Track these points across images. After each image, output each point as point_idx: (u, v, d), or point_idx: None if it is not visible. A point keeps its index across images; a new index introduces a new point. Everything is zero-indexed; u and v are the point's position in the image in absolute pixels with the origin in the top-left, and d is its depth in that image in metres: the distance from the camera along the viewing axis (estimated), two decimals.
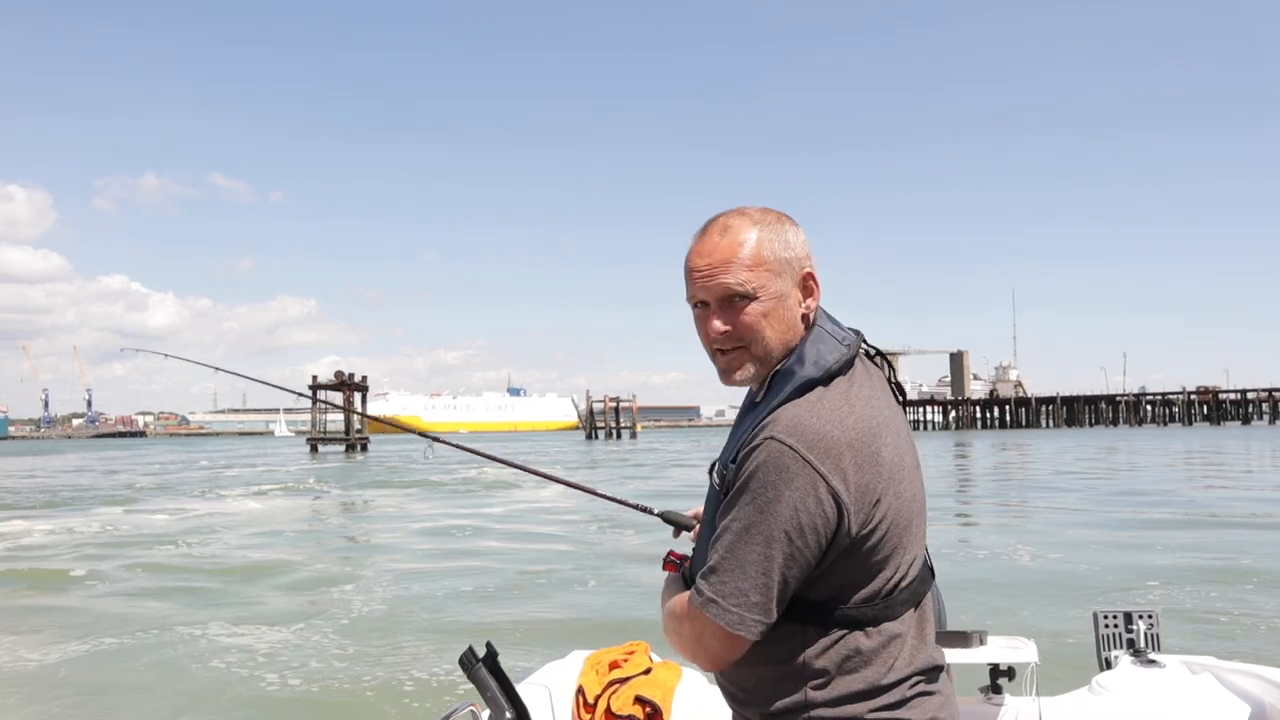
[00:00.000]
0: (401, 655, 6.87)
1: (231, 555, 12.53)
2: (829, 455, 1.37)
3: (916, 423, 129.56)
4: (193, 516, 18.28)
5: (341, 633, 7.65)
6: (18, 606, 9.29)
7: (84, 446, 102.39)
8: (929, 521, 1.60)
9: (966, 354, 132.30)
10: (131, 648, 7.24)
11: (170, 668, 6.68)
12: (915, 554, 1.49)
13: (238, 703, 5.92)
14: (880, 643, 1.43)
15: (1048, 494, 20.07)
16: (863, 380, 1.50)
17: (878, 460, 1.41)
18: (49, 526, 16.37)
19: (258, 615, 8.45)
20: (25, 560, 12.23)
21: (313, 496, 24.20)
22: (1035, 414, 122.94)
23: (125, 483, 30.48)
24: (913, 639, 1.46)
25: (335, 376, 61.15)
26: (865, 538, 1.41)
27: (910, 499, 1.47)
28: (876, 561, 1.43)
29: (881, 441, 1.43)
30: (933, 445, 56.58)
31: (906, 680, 1.44)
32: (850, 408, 1.43)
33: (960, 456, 41.39)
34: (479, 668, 1.79)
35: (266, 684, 6.23)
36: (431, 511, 18.57)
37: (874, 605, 1.43)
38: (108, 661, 6.88)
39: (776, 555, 1.37)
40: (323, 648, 7.15)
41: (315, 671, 6.49)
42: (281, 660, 6.77)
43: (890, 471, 1.43)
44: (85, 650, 7.19)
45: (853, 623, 1.42)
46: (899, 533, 1.44)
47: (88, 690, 6.15)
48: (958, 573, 9.94)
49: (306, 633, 7.68)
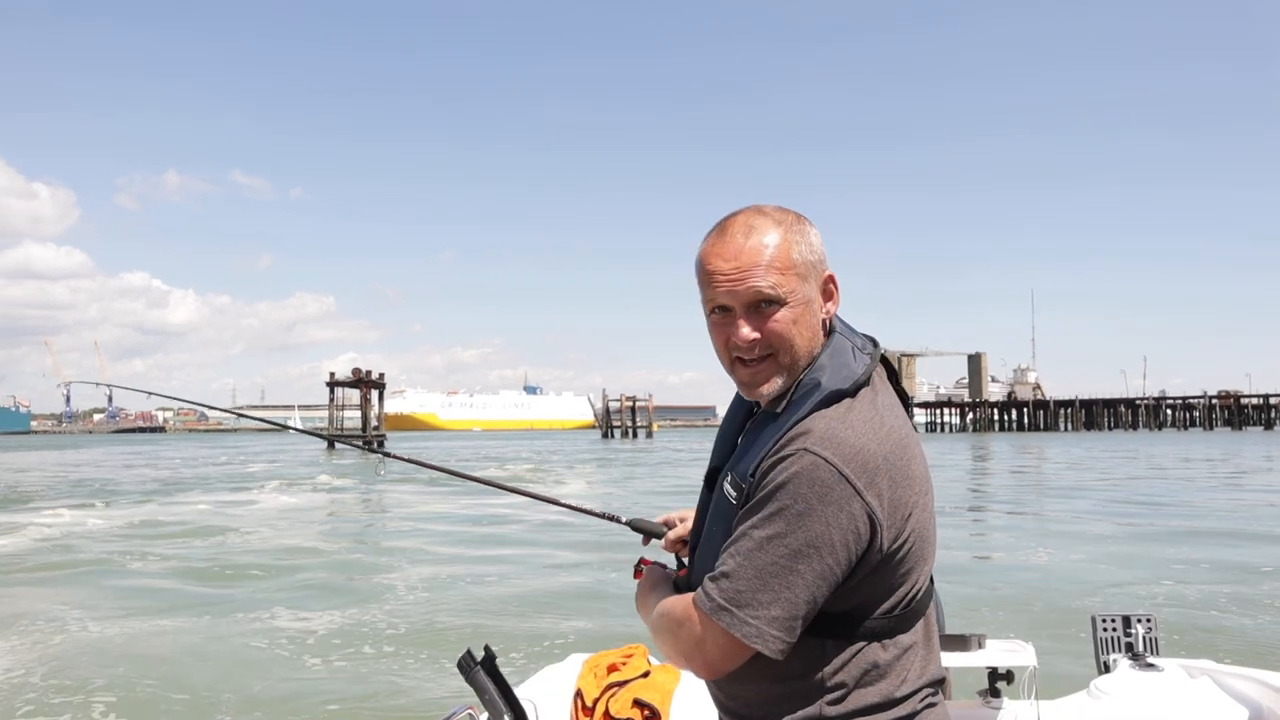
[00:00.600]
0: (400, 657, 6.85)
1: (244, 552, 12.65)
2: (865, 471, 1.32)
3: (933, 425, 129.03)
4: (220, 512, 18.67)
5: (341, 633, 7.62)
6: (70, 587, 10.12)
7: (106, 441, 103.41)
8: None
9: (984, 356, 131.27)
10: (135, 638, 7.34)
11: (171, 664, 6.75)
12: (932, 565, 1.47)
13: (236, 700, 5.90)
14: (895, 655, 1.39)
15: (1060, 499, 19.95)
16: (883, 390, 1.45)
17: (910, 475, 1.37)
18: (95, 516, 17.42)
19: (260, 614, 8.45)
20: (69, 550, 12.84)
21: (331, 492, 24.38)
22: (1054, 417, 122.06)
23: (157, 477, 31.06)
24: (923, 649, 1.44)
25: (353, 374, 61.51)
26: (894, 553, 1.36)
27: (932, 511, 1.45)
28: (901, 575, 1.39)
29: (912, 455, 1.39)
30: (950, 448, 56.28)
31: (918, 693, 1.41)
32: (881, 420, 1.38)
33: (979, 459, 41.14)
34: (477, 671, 1.79)
35: (266, 683, 6.20)
36: (444, 511, 18.63)
37: (892, 617, 1.39)
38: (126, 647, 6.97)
39: (805, 572, 1.30)
40: (322, 647, 7.13)
41: (314, 670, 6.47)
42: (281, 659, 6.77)
43: (921, 485, 1.40)
44: (114, 630, 7.29)
45: (871, 635, 1.38)
46: (923, 545, 1.41)
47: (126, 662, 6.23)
48: (961, 576, 9.91)
49: (307, 632, 7.67)
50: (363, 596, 9.30)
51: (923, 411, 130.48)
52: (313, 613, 8.49)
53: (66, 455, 55.84)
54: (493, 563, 11.43)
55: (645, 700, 2.04)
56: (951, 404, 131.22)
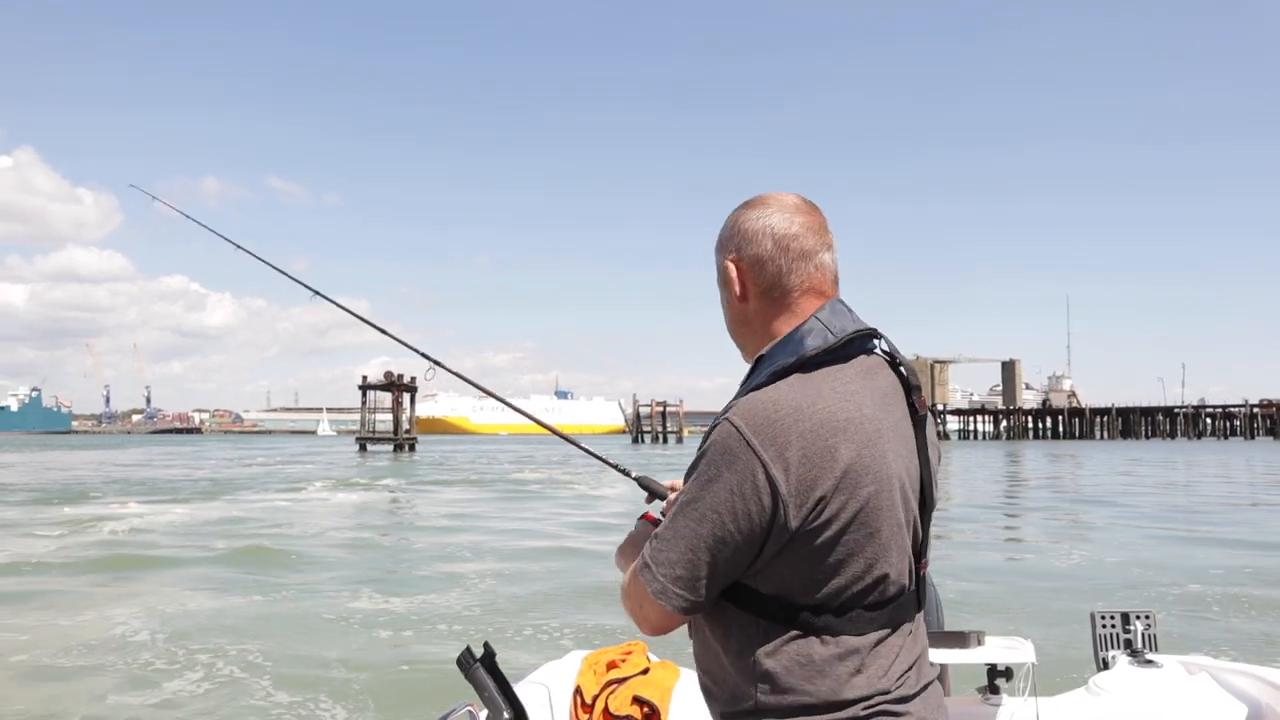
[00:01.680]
0: (400, 654, 6.84)
1: (268, 549, 12.78)
2: (774, 443, 1.31)
3: (966, 432, 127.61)
4: (275, 509, 19.39)
5: (341, 632, 7.61)
6: (161, 571, 11.15)
7: (144, 442, 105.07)
8: (934, 541, 1.54)
9: (1018, 363, 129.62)
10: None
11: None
12: (887, 569, 1.39)
13: (232, 697, 5.92)
14: (835, 654, 1.35)
15: (1082, 505, 19.71)
16: (852, 378, 1.40)
17: (832, 458, 1.33)
18: (143, 511, 18.42)
19: (266, 612, 8.50)
20: (131, 545, 13.56)
21: (364, 493, 24.61)
22: (1089, 425, 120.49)
23: (212, 477, 31.84)
24: (881, 660, 1.37)
25: (385, 377, 61.99)
26: (810, 535, 1.33)
27: (882, 511, 1.37)
28: (829, 564, 1.34)
29: (841, 439, 1.33)
30: (981, 456, 55.67)
31: (864, 700, 1.35)
32: (818, 398, 1.35)
33: (1012, 463, 40.67)
34: (476, 668, 1.77)
35: (265, 683, 6.19)
36: (470, 510, 18.77)
37: (830, 613, 1.35)
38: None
39: (705, 534, 1.34)
40: (320, 646, 7.12)
41: (313, 670, 6.46)
42: (282, 658, 6.77)
43: (849, 473, 1.33)
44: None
45: (807, 627, 1.35)
46: (860, 540, 1.35)
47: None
48: (963, 576, 9.87)
49: (307, 630, 7.68)
50: (368, 594, 9.29)
51: (956, 419, 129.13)
52: (318, 609, 8.50)
53: (113, 454, 56.83)
54: (499, 562, 11.43)
55: (644, 697, 2.06)
56: (985, 411, 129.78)
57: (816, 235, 1.51)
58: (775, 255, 1.49)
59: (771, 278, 1.49)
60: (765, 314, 1.51)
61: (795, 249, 1.49)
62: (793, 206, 1.52)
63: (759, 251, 1.49)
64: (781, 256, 1.49)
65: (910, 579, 1.45)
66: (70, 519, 16.83)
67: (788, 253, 1.49)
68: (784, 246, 1.49)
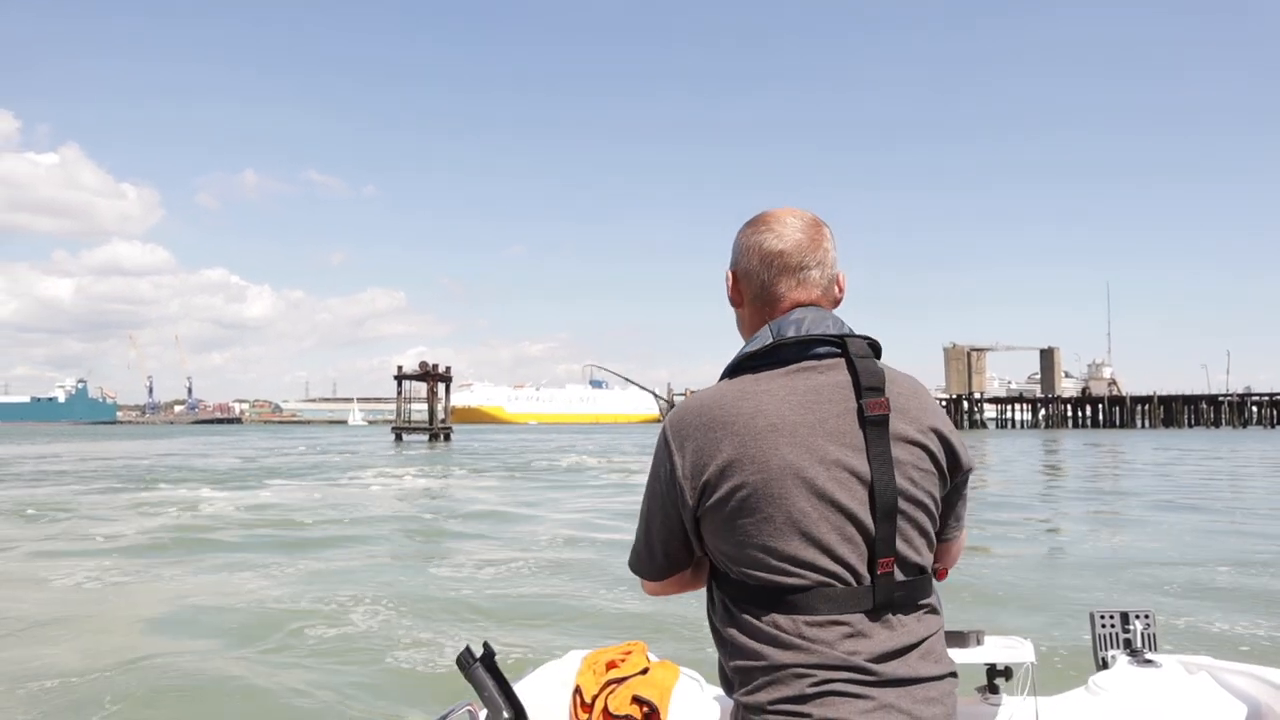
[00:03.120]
0: (400, 653, 6.80)
1: (273, 542, 12.97)
2: (678, 434, 1.59)
3: (1003, 421, 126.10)
4: (317, 495, 20.27)
5: (341, 630, 7.58)
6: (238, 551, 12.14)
7: (189, 432, 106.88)
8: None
9: (1057, 350, 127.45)
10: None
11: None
12: (794, 555, 1.47)
13: (228, 694, 5.91)
14: (771, 632, 1.48)
15: (1107, 499, 19.43)
16: (777, 379, 1.55)
17: (716, 447, 1.53)
18: (221, 496, 20.09)
19: (269, 609, 8.50)
20: (202, 529, 14.62)
21: (402, 480, 24.95)
22: (1130, 414, 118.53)
23: (267, 465, 33.22)
24: (823, 644, 1.45)
25: (420, 367, 62.57)
26: (711, 515, 1.55)
27: (775, 498, 1.48)
28: (733, 544, 1.53)
29: (726, 430, 1.52)
30: (1019, 444, 55.05)
31: (809, 678, 1.44)
32: (722, 397, 1.56)
33: (1049, 452, 40.20)
34: (476, 667, 1.78)
35: (267, 680, 6.18)
36: (496, 504, 18.91)
37: (756, 592, 1.50)
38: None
39: (653, 516, 1.66)
40: (320, 643, 7.11)
41: (312, 669, 6.45)
42: (283, 656, 6.77)
43: (732, 463, 1.51)
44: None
45: (748, 602, 1.51)
46: (755, 525, 1.49)
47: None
48: (966, 575, 9.81)
49: (309, 627, 7.64)
50: (371, 593, 9.24)
51: (993, 407, 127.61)
52: (320, 606, 8.49)
53: (160, 444, 57.92)
54: (504, 561, 11.39)
55: (644, 697, 2.06)
56: (1023, 400, 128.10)
57: (805, 253, 1.66)
58: (760, 270, 1.67)
59: (758, 288, 1.68)
60: (753, 320, 1.70)
61: (779, 265, 1.66)
62: (787, 224, 1.68)
63: (747, 265, 1.70)
64: (766, 271, 1.67)
65: (855, 572, 1.48)
66: (162, 500, 18.99)
67: (771, 268, 1.66)
68: (769, 262, 1.66)
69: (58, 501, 18.78)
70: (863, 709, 1.42)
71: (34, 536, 13.60)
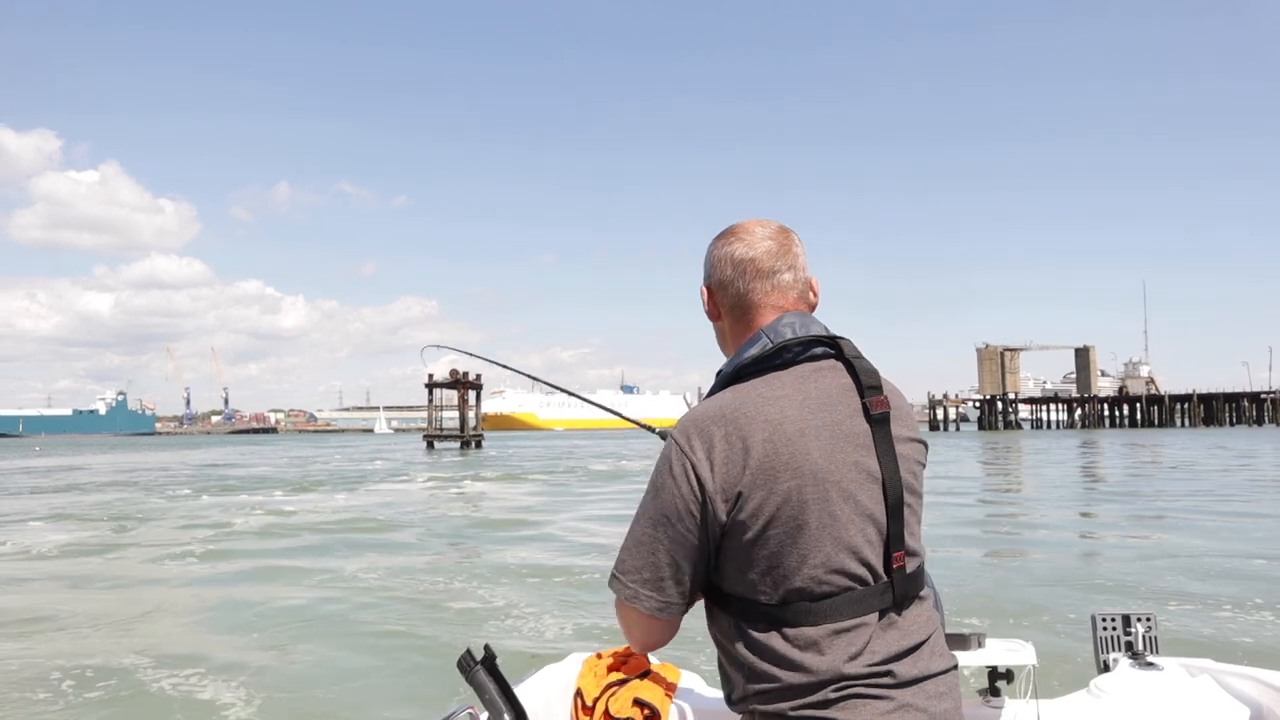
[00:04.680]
0: (400, 653, 6.83)
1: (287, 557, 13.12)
2: (699, 438, 1.49)
3: (1038, 421, 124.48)
4: (355, 502, 20.74)
5: (343, 629, 7.63)
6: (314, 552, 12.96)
7: (225, 442, 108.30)
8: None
9: (1093, 349, 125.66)
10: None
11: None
12: (825, 560, 1.47)
13: (227, 690, 5.95)
14: (795, 644, 1.45)
15: (1128, 501, 19.12)
16: (786, 382, 1.53)
17: (746, 452, 1.46)
18: (293, 502, 21.53)
19: (279, 604, 8.66)
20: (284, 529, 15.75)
21: (435, 486, 25.11)
22: (1169, 413, 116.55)
23: (305, 474, 33.98)
24: (844, 648, 1.45)
25: (450, 375, 62.90)
26: (739, 530, 1.47)
27: (809, 506, 1.46)
28: (763, 558, 1.46)
29: (755, 435, 1.46)
30: (1054, 444, 54.32)
31: (828, 685, 1.44)
32: (740, 403, 1.50)
33: (1085, 453, 39.58)
34: (477, 670, 1.77)
35: (268, 678, 6.22)
36: (530, 502, 18.97)
37: (780, 606, 1.46)
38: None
39: (661, 536, 1.51)
40: (320, 642, 7.15)
41: (312, 668, 6.47)
42: (285, 655, 6.81)
43: (763, 469, 1.45)
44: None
45: (766, 619, 1.47)
46: (788, 534, 1.46)
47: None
48: (968, 574, 9.79)
49: (311, 625, 7.74)
50: (375, 591, 9.34)
51: (1027, 407, 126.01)
52: (323, 603, 8.61)
53: (205, 454, 59.03)
54: (510, 561, 11.43)
55: (645, 700, 2.07)
56: (1058, 399, 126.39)
57: (776, 258, 1.67)
58: (734, 279, 1.68)
59: (734, 297, 1.68)
60: (734, 330, 1.70)
61: (752, 271, 1.66)
62: (755, 233, 1.69)
63: (721, 276, 1.70)
64: (740, 279, 1.67)
65: (875, 571, 1.50)
66: (247, 504, 20.66)
67: (745, 275, 1.67)
68: (741, 270, 1.67)
69: (163, 509, 19.93)
70: (884, 710, 1.45)
71: (173, 540, 14.42)
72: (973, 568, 10.40)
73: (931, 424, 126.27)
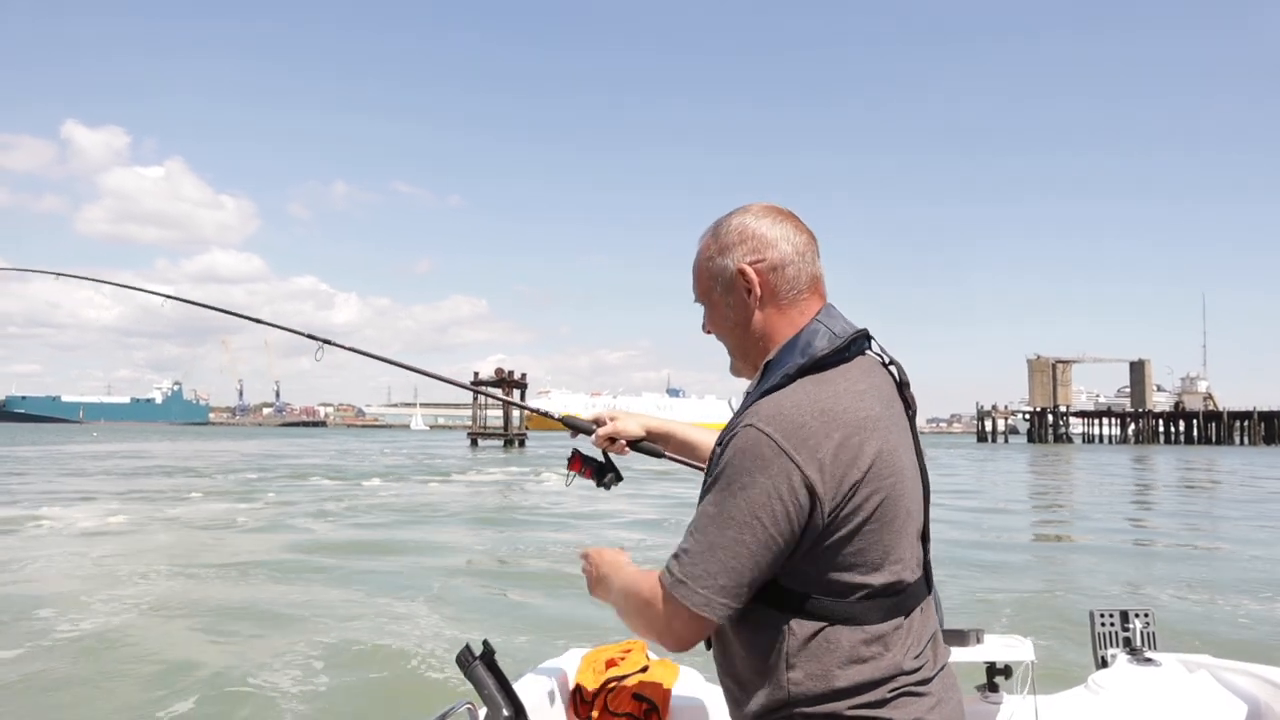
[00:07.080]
0: (400, 652, 6.77)
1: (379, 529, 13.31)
2: (805, 444, 1.37)
3: (1090, 436, 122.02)
4: (408, 495, 22.01)
5: (343, 629, 7.54)
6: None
7: (277, 434, 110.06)
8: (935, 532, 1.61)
9: (1148, 363, 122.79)
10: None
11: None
12: (904, 559, 1.47)
13: (222, 690, 5.92)
14: (860, 640, 1.41)
15: (1159, 515, 18.64)
16: (859, 377, 1.48)
17: (858, 454, 1.40)
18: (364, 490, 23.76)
19: (278, 606, 8.54)
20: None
21: (477, 485, 25.42)
22: (1228, 430, 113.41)
23: (380, 464, 36.32)
24: (902, 643, 1.44)
25: (495, 374, 63.47)
26: (838, 528, 1.40)
27: (898, 502, 1.44)
28: (852, 556, 1.41)
29: (865, 437, 1.40)
30: (1107, 459, 53.19)
31: (888, 681, 1.42)
32: (836, 399, 1.42)
33: (1137, 468, 38.63)
34: (476, 665, 1.81)
35: (272, 679, 6.17)
36: (571, 503, 19.06)
37: (852, 602, 1.42)
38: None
39: (749, 541, 1.38)
40: (320, 641, 7.09)
41: (312, 668, 6.42)
42: (286, 656, 6.75)
43: (871, 468, 1.40)
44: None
45: (830, 616, 1.41)
46: (880, 533, 1.42)
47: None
48: (970, 574, 9.67)
49: (313, 625, 7.64)
50: (377, 590, 9.30)
51: (1079, 421, 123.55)
52: (324, 602, 8.55)
53: (263, 444, 60.54)
54: (510, 560, 11.41)
55: (644, 695, 2.12)
56: (1111, 414, 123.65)
57: (814, 243, 1.61)
58: (794, 259, 1.57)
59: (790, 281, 1.56)
60: (772, 319, 1.57)
61: (808, 254, 1.58)
62: (790, 215, 1.61)
63: (780, 256, 1.56)
64: (799, 260, 1.57)
65: (919, 564, 1.54)
66: (329, 490, 22.84)
67: (803, 258, 1.57)
68: (800, 251, 1.57)
69: (263, 489, 22.47)
70: (929, 706, 1.45)
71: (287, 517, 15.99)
72: (973, 568, 10.33)
73: (980, 435, 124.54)
